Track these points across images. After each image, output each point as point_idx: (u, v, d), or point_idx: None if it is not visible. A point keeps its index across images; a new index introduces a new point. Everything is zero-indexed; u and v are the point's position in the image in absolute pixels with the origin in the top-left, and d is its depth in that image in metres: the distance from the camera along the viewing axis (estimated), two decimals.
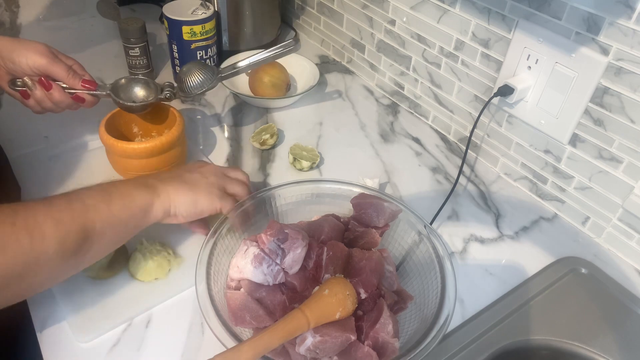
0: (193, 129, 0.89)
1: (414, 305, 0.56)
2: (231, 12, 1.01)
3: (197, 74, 0.74)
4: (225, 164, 0.81)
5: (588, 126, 0.66)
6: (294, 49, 0.78)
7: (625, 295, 0.64)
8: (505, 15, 0.71)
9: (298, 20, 1.20)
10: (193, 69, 0.74)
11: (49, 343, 0.56)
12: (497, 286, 0.64)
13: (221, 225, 0.58)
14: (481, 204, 0.77)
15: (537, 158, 0.75)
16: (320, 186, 0.65)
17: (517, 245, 0.70)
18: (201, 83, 0.74)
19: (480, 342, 0.57)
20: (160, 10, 1.01)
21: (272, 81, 0.93)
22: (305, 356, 0.49)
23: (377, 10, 0.94)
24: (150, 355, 0.55)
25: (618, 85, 0.61)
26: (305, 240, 0.56)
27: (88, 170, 0.77)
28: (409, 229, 0.61)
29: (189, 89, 0.74)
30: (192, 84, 0.74)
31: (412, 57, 0.90)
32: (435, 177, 0.81)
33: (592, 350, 0.58)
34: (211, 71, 0.75)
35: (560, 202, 0.75)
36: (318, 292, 0.51)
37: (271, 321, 0.52)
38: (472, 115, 0.84)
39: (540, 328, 0.59)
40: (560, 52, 0.65)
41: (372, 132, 0.90)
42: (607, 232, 0.70)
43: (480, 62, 0.78)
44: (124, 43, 0.95)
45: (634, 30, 0.57)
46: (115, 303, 0.59)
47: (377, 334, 0.50)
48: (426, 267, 0.57)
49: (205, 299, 0.51)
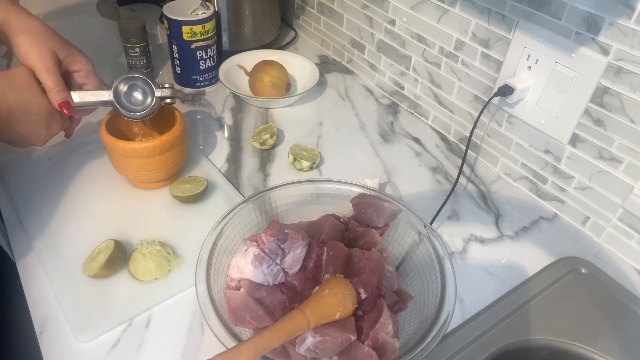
0: (193, 129, 0.89)
1: (414, 305, 0.56)
2: (231, 12, 1.01)
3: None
4: (225, 164, 0.81)
5: (588, 126, 0.66)
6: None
7: (625, 295, 0.64)
8: (505, 15, 0.71)
9: (298, 20, 1.20)
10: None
11: (48, 343, 0.56)
12: (497, 286, 0.64)
13: (221, 224, 0.58)
14: (481, 204, 0.77)
15: (537, 158, 0.75)
16: (320, 186, 0.65)
17: (517, 245, 0.70)
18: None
19: (480, 342, 0.57)
20: (160, 10, 1.01)
21: (272, 81, 0.93)
22: (305, 356, 0.49)
23: (377, 10, 0.94)
24: (150, 355, 0.55)
25: (618, 85, 0.61)
26: (305, 240, 0.56)
27: (88, 169, 0.77)
28: (409, 229, 0.61)
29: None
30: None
31: (412, 57, 0.90)
32: (435, 177, 0.81)
33: (592, 350, 0.58)
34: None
35: (560, 202, 0.75)
36: (318, 292, 0.51)
37: (271, 321, 0.52)
38: (472, 115, 0.84)
39: (540, 328, 0.59)
40: (560, 52, 0.65)
41: (372, 132, 0.90)
42: (607, 232, 0.70)
43: (480, 62, 0.78)
44: (124, 43, 0.95)
45: (634, 30, 0.57)
46: (115, 303, 0.59)
47: (377, 334, 0.50)
48: (426, 267, 0.57)
49: (205, 299, 0.51)
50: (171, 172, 0.73)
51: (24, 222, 0.68)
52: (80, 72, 0.68)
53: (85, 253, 0.63)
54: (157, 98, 0.70)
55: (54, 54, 0.64)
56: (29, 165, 0.77)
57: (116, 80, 0.68)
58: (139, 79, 0.69)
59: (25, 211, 0.69)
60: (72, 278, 0.61)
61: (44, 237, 0.66)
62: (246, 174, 0.80)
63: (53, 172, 0.76)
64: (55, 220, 0.69)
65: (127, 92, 0.69)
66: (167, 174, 0.73)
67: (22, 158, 0.78)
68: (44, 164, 0.77)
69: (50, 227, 0.68)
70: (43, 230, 0.67)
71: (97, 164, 0.78)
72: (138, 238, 0.66)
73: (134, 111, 0.69)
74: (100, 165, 0.77)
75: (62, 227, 0.68)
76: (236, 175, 0.79)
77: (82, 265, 0.62)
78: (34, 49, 0.62)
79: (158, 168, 0.70)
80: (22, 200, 0.71)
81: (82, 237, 0.66)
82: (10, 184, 0.74)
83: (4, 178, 0.75)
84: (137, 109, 0.70)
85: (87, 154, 0.79)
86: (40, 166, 0.77)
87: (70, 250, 0.65)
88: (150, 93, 0.70)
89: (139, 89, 0.70)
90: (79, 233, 0.67)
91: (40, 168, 0.77)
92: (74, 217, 0.69)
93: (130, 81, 0.69)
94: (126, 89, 0.69)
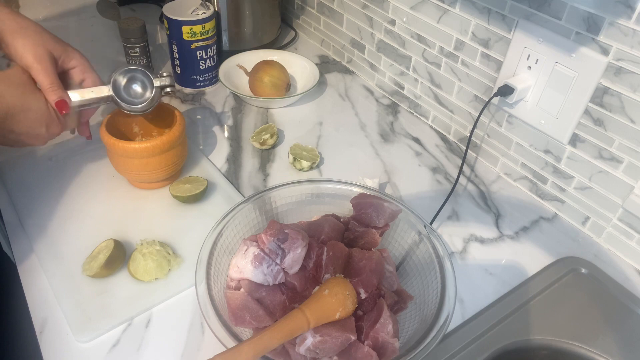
0: (193, 129, 0.89)
1: (414, 305, 0.56)
2: (231, 12, 1.01)
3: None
4: (225, 164, 0.81)
5: (588, 126, 0.66)
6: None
7: (625, 295, 0.64)
8: (505, 15, 0.71)
9: (298, 20, 1.20)
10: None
11: (48, 343, 0.56)
12: (497, 286, 0.64)
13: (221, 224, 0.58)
14: (481, 204, 0.77)
15: (537, 158, 0.75)
16: (320, 186, 0.65)
17: (517, 245, 0.70)
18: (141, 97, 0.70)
19: (480, 342, 0.57)
20: (160, 10, 1.01)
21: (272, 81, 0.93)
22: (305, 356, 0.49)
23: (377, 10, 0.94)
24: (150, 355, 0.55)
25: (618, 85, 0.61)
26: (305, 240, 0.56)
27: (89, 169, 0.77)
28: (409, 229, 0.61)
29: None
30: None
31: (412, 57, 0.90)
32: (435, 177, 0.81)
33: (592, 350, 0.58)
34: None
35: (560, 202, 0.75)
36: (318, 292, 0.51)
37: (271, 321, 0.52)
38: (472, 115, 0.84)
39: (540, 328, 0.59)
40: (560, 52, 0.65)
41: (372, 132, 0.90)
42: (607, 232, 0.70)
43: (480, 62, 0.78)
44: (124, 43, 0.95)
45: (634, 30, 0.57)
46: (115, 303, 0.59)
47: (377, 334, 0.50)
48: (426, 267, 0.57)
49: (205, 299, 0.51)
50: (171, 172, 0.73)
51: (24, 222, 0.68)
52: (77, 68, 0.68)
53: (85, 253, 0.63)
54: (157, 88, 0.69)
55: (50, 53, 0.64)
56: (29, 165, 0.77)
57: (114, 74, 0.68)
58: (137, 71, 0.69)
59: (25, 211, 0.69)
60: (72, 278, 0.61)
61: (44, 237, 0.66)
62: (246, 174, 0.80)
63: (53, 172, 0.76)
64: (55, 220, 0.69)
65: (126, 85, 0.68)
66: (167, 174, 0.73)
67: (22, 158, 0.78)
68: (44, 164, 0.77)
69: (50, 227, 0.68)
70: (43, 230, 0.67)
71: (97, 164, 0.78)
72: (138, 238, 0.66)
73: (135, 104, 0.69)
74: (100, 165, 0.77)
75: (62, 227, 0.68)
76: (236, 175, 0.79)
77: (82, 265, 0.62)
78: (29, 50, 0.62)
79: (158, 168, 0.70)
80: (22, 201, 0.71)
81: (82, 237, 0.66)
82: (10, 184, 0.74)
83: (4, 178, 0.75)
84: (137, 102, 0.69)
85: (87, 154, 0.79)
86: (40, 166, 0.77)
87: (70, 250, 0.65)
88: (149, 84, 0.69)
89: (138, 82, 0.69)
90: (79, 233, 0.67)
91: (40, 168, 0.77)
92: (74, 217, 0.69)
93: (128, 73, 0.68)
94: (125, 82, 0.68)
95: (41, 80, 0.63)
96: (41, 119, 0.64)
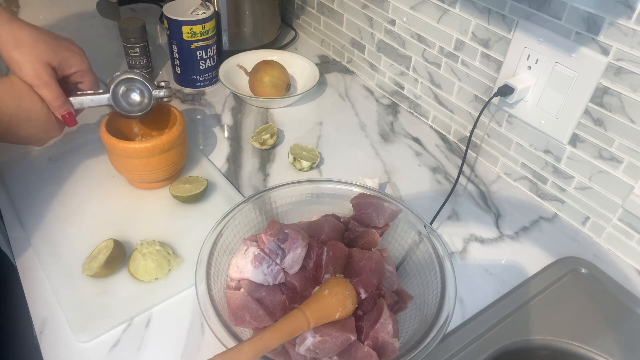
0: (193, 129, 0.89)
1: (414, 305, 0.56)
2: (231, 12, 1.01)
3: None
4: (225, 164, 0.81)
5: (588, 126, 0.66)
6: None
7: (625, 295, 0.64)
8: (505, 15, 0.71)
9: (298, 20, 1.20)
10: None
11: (48, 343, 0.56)
12: (497, 286, 0.64)
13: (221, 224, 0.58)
14: (481, 204, 0.77)
15: (537, 158, 0.75)
16: (320, 186, 0.65)
17: (517, 245, 0.70)
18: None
19: (480, 342, 0.57)
20: (160, 10, 1.01)
21: (272, 81, 0.93)
22: (305, 356, 0.49)
23: (377, 10, 0.94)
24: (150, 355, 0.55)
25: (618, 85, 0.61)
26: (305, 240, 0.56)
27: (88, 169, 0.77)
28: (409, 229, 0.61)
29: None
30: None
31: (412, 57, 0.90)
32: (435, 177, 0.81)
33: (592, 350, 0.58)
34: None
35: (560, 202, 0.75)
36: (318, 292, 0.51)
37: (271, 321, 0.52)
38: (472, 115, 0.84)
39: (540, 328, 0.59)
40: (560, 52, 0.65)
41: (372, 132, 0.90)
42: (607, 232, 0.70)
43: (480, 62, 0.78)
44: (124, 43, 0.95)
45: (634, 30, 0.57)
46: (115, 303, 0.59)
47: (377, 334, 0.50)
48: (426, 267, 0.57)
49: (205, 299, 0.51)
50: (171, 172, 0.73)
51: (24, 222, 0.68)
52: (77, 73, 0.69)
53: (85, 253, 0.63)
54: (155, 99, 0.71)
55: (48, 66, 0.64)
56: (29, 165, 0.77)
57: (113, 83, 0.69)
58: (136, 81, 0.69)
59: (25, 211, 0.69)
60: (72, 278, 0.61)
61: (44, 237, 0.66)
62: (246, 174, 0.80)
63: (53, 172, 0.76)
64: (55, 220, 0.69)
65: (124, 93, 0.70)
66: (167, 174, 0.73)
67: (22, 158, 0.78)
68: (44, 164, 0.77)
69: (50, 227, 0.68)
70: (43, 230, 0.67)
71: (97, 164, 0.78)
72: (138, 238, 0.66)
73: (132, 112, 0.71)
74: (100, 165, 0.77)
75: (62, 227, 0.68)
76: (236, 175, 0.79)
77: (82, 265, 0.62)
78: (28, 66, 0.62)
79: (158, 168, 0.70)
80: (22, 200, 0.71)
81: (82, 237, 0.66)
82: (10, 184, 0.74)
83: (4, 178, 0.75)
84: (135, 109, 0.71)
85: (87, 154, 0.79)
86: (40, 166, 0.77)
87: (70, 250, 0.65)
88: (148, 94, 0.70)
89: (137, 90, 0.70)
90: (78, 233, 0.67)
91: (40, 168, 0.77)
92: (74, 217, 0.69)
93: (128, 83, 0.69)
94: (123, 89, 0.70)
95: (44, 95, 0.64)
96: (42, 125, 0.66)
